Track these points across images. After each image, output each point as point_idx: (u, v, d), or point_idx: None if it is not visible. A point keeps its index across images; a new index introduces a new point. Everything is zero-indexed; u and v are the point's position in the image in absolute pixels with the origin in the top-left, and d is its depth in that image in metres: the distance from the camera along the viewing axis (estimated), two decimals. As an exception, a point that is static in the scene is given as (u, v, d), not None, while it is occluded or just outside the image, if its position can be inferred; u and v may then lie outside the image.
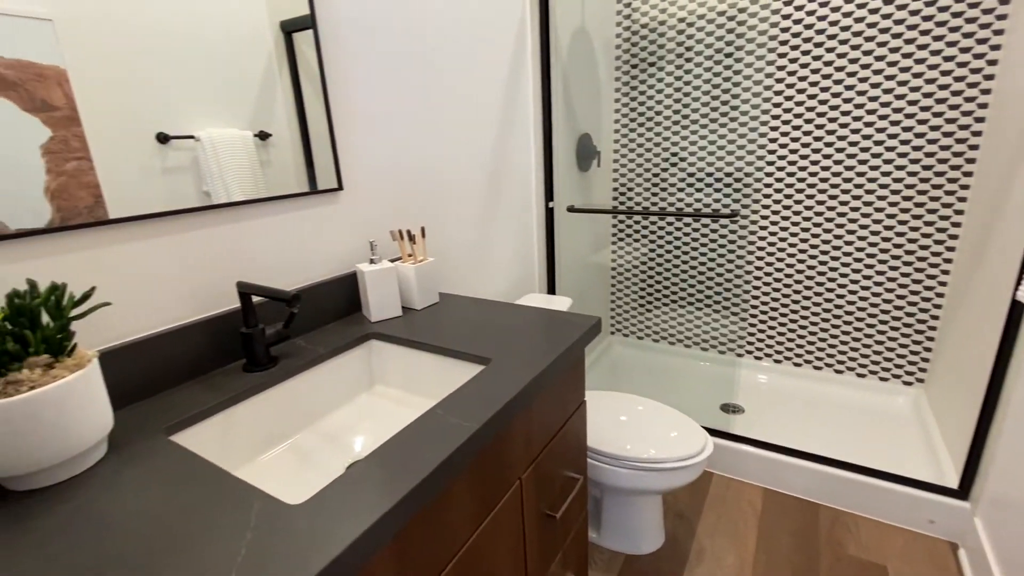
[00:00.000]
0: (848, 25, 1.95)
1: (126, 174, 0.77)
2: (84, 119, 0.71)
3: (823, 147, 2.10)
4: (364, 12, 1.14)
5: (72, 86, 0.70)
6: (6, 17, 0.63)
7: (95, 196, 0.73)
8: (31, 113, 0.66)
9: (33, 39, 0.66)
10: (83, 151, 0.72)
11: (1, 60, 0.63)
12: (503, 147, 1.71)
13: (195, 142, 0.85)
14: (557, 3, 1.86)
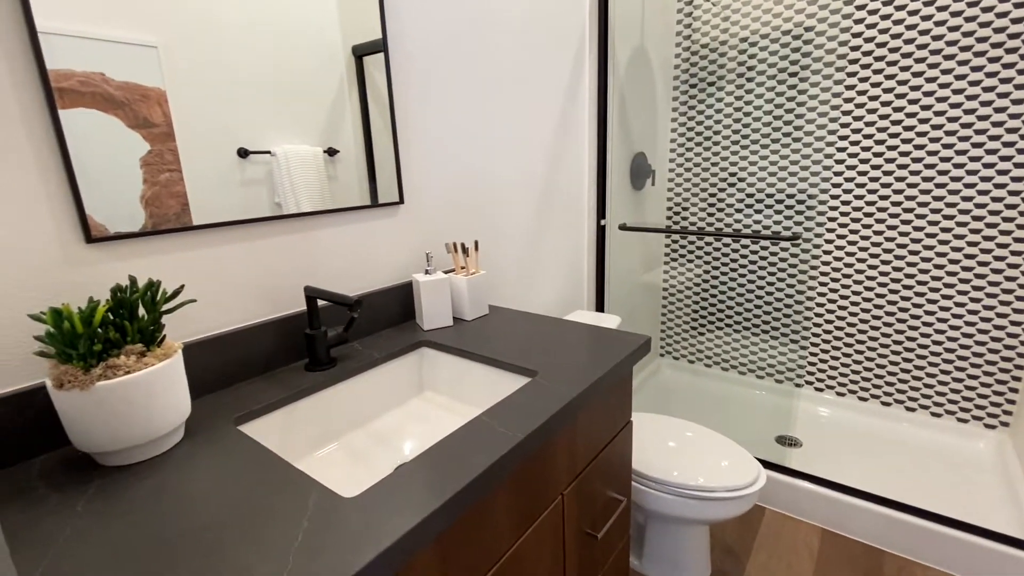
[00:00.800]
0: (925, 43, 1.85)
1: (209, 185, 0.84)
2: (178, 135, 0.80)
3: (896, 169, 1.99)
4: (430, 37, 1.20)
5: (170, 106, 0.79)
6: (120, 44, 0.72)
7: (182, 204, 0.81)
8: (134, 129, 0.75)
9: (140, 64, 0.75)
10: (175, 164, 0.80)
11: (113, 82, 0.72)
12: (557, 165, 1.74)
13: (271, 157, 0.92)
14: (617, 23, 1.88)
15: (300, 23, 0.94)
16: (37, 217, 0.67)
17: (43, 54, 0.65)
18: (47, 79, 0.66)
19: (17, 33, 0.64)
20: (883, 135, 1.99)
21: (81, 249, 0.71)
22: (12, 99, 0.64)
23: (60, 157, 0.69)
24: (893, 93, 1.94)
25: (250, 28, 0.87)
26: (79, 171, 0.70)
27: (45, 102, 0.67)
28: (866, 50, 1.96)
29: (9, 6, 0.63)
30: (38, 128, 0.66)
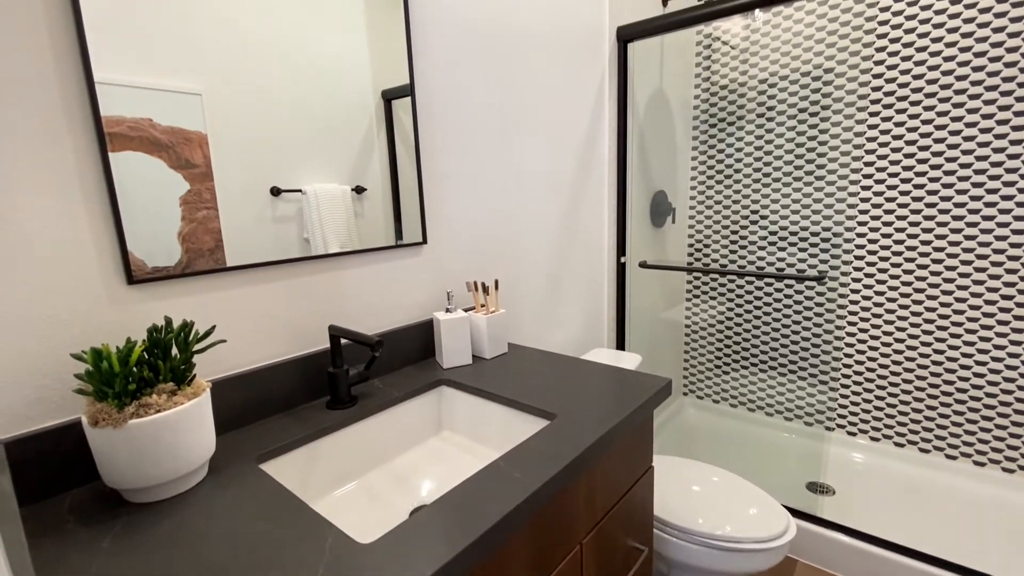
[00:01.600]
0: (948, 83, 1.85)
1: (243, 222, 0.89)
2: (216, 175, 0.84)
3: (923, 207, 1.96)
4: (455, 82, 1.26)
5: (210, 148, 0.83)
6: (168, 92, 0.78)
7: (216, 240, 0.85)
8: (176, 170, 0.80)
9: (185, 110, 0.80)
10: (212, 202, 0.84)
11: (159, 127, 0.77)
12: (577, 203, 1.76)
13: (302, 195, 0.97)
14: (636, 69, 1.94)
15: (335, 71, 1.00)
16: (85, 261, 0.71)
17: (99, 103, 0.71)
18: (101, 126, 0.71)
19: (76, 84, 0.70)
20: (908, 173, 1.97)
21: (123, 290, 0.75)
22: (68, 146, 0.69)
23: (108, 202, 0.73)
24: (917, 132, 1.93)
25: (288, 76, 0.93)
26: (124, 211, 0.74)
27: (97, 147, 0.72)
28: (888, 90, 1.97)
29: (71, 60, 0.69)
30: (89, 173, 0.71)
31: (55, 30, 0.68)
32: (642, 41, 1.93)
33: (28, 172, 0.66)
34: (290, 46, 0.93)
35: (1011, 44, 1.74)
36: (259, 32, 0.88)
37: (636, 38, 1.79)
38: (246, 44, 0.87)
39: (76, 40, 0.70)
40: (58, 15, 0.68)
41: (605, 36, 1.78)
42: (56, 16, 0.68)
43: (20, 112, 0.66)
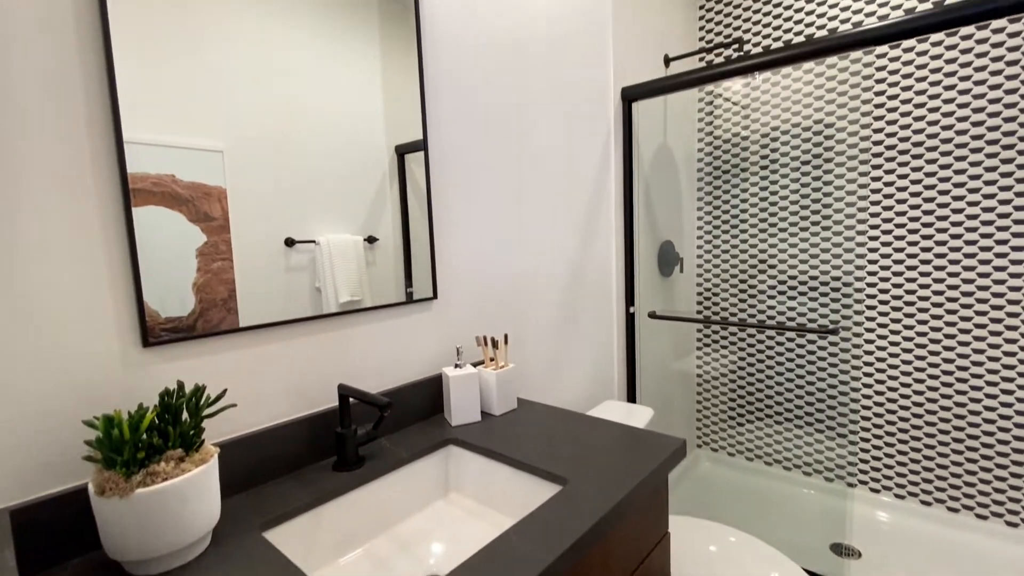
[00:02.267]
0: (948, 137, 1.89)
1: (256, 272, 0.90)
2: (232, 227, 0.87)
3: (933, 258, 1.95)
4: (468, 138, 1.30)
5: (228, 201, 0.86)
6: (191, 150, 0.82)
7: (230, 290, 0.87)
8: (194, 223, 0.82)
9: (206, 166, 0.83)
10: (227, 253, 0.86)
11: (181, 182, 0.80)
12: (585, 255, 1.78)
13: (315, 245, 0.99)
14: (640, 125, 2.00)
15: (351, 128, 1.04)
16: (103, 325, 0.72)
17: (126, 161, 0.74)
18: (127, 184, 0.74)
19: (106, 145, 0.73)
20: (916, 224, 1.98)
21: (138, 353, 0.76)
22: (94, 205, 0.72)
23: (129, 260, 0.75)
24: (921, 184, 1.95)
25: (306, 133, 0.97)
26: (142, 265, 0.76)
27: (122, 204, 0.75)
28: (889, 144, 2.01)
29: (103, 121, 0.73)
30: (113, 230, 0.74)
31: (91, 94, 0.72)
32: (646, 100, 2.00)
33: (55, 234, 0.69)
34: (309, 104, 0.97)
35: (1009, 100, 1.78)
36: (280, 92, 0.93)
37: (640, 98, 1.85)
38: (267, 103, 0.91)
39: (109, 103, 0.73)
40: (94, 80, 0.72)
41: (610, 95, 1.85)
42: (92, 81, 0.72)
43: (51, 174, 0.68)
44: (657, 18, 2.12)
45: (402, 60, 1.13)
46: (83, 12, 0.71)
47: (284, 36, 0.93)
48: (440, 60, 1.22)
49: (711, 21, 2.42)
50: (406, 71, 1.14)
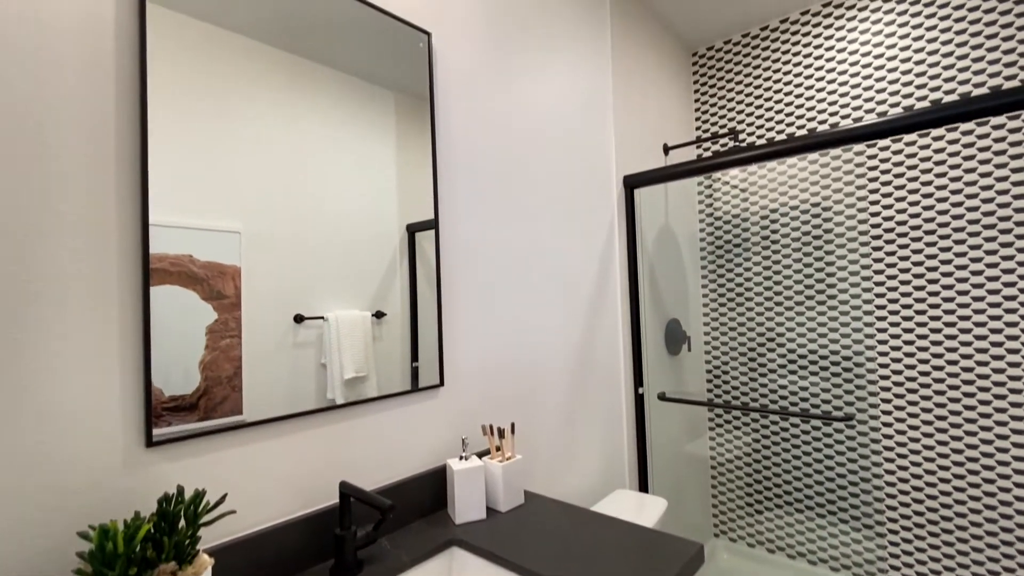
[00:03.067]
0: (945, 222, 1.93)
1: (264, 349, 0.90)
2: (244, 305, 0.87)
3: (944, 339, 1.93)
4: (477, 219, 1.34)
5: (242, 280, 0.87)
6: (211, 232, 0.84)
7: (236, 367, 0.86)
8: (207, 301, 0.83)
9: (223, 246, 0.85)
10: (236, 331, 0.86)
11: (198, 262, 0.82)
12: (593, 336, 1.78)
13: (323, 321, 0.99)
14: (643, 210, 2.07)
15: (366, 208, 1.08)
16: (109, 421, 0.71)
17: (149, 243, 0.76)
18: (148, 266, 0.76)
19: (132, 228, 0.75)
20: (922, 305, 1.98)
21: (141, 453, 0.74)
22: (114, 289, 0.73)
23: (141, 354, 0.75)
24: (924, 266, 1.98)
25: (321, 212, 1.00)
26: (153, 347, 0.76)
27: (140, 287, 0.76)
28: (887, 227, 2.05)
29: (131, 206, 0.76)
30: (129, 319, 0.74)
31: (122, 182, 0.75)
32: (647, 187, 2.08)
33: (73, 322, 0.69)
34: (326, 186, 1.01)
35: (1001, 187, 1.84)
36: (299, 176, 0.97)
37: (641, 185, 1.93)
38: (286, 186, 0.95)
39: (140, 191, 0.76)
40: (127, 169, 0.75)
41: (613, 182, 1.93)
42: (125, 170, 0.75)
43: (75, 259, 0.70)
44: (655, 110, 2.26)
45: (416, 142, 1.19)
46: (124, 108, 0.76)
47: (306, 128, 0.99)
48: (452, 146, 1.29)
49: (706, 112, 2.57)
50: (419, 153, 1.20)
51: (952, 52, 1.93)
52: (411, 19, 1.20)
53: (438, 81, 1.26)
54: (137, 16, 0.79)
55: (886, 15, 2.06)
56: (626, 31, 2.06)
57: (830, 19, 2.19)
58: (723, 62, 2.51)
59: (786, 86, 2.31)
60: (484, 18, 1.41)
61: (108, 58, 0.75)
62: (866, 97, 2.11)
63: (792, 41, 2.29)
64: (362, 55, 1.09)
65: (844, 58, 2.16)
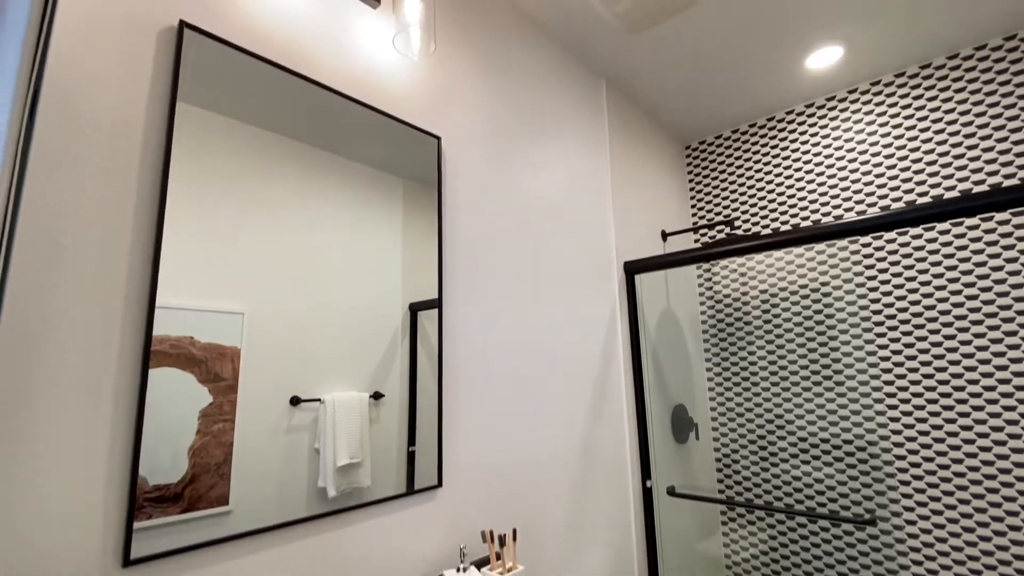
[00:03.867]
0: (946, 309, 1.94)
1: (257, 434, 0.86)
2: (240, 387, 0.85)
3: (959, 429, 1.87)
4: (480, 303, 1.34)
5: (241, 362, 0.85)
6: (214, 313, 0.83)
7: (226, 453, 0.81)
8: (203, 383, 0.80)
9: (225, 327, 0.84)
10: (231, 414, 0.83)
11: (198, 344, 0.80)
12: (597, 427, 1.72)
13: (320, 404, 0.95)
14: (644, 294, 2.09)
15: (369, 291, 1.08)
16: (86, 538, 0.66)
17: (153, 326, 0.75)
18: (149, 351, 0.74)
19: (138, 311, 0.75)
20: (932, 393, 1.93)
21: (116, 572, 0.68)
22: (111, 376, 0.71)
23: (131, 454, 0.71)
24: (931, 354, 1.96)
25: (327, 295, 1.00)
26: (144, 442, 0.72)
27: (140, 369, 0.74)
28: (889, 313, 2.06)
29: (140, 287, 0.75)
30: (124, 398, 0.71)
31: (134, 270, 0.75)
32: (648, 273, 2.12)
33: (65, 421, 0.66)
34: (332, 268, 1.02)
35: (996, 276, 1.87)
36: (306, 259, 0.98)
37: (641, 271, 1.96)
38: (292, 269, 0.96)
39: (150, 272, 0.77)
40: (139, 256, 0.76)
41: (614, 268, 1.96)
42: (137, 256, 0.76)
43: (76, 346, 0.69)
44: (652, 198, 2.35)
45: (422, 225, 1.22)
46: (144, 198, 0.78)
47: (316, 210, 1.02)
48: (457, 232, 1.33)
49: (701, 201, 2.68)
50: (425, 236, 1.23)
51: (933, 149, 2.05)
52: (424, 126, 1.28)
53: (446, 175, 1.32)
54: (167, 117, 0.83)
55: (866, 115, 2.20)
56: (622, 125, 2.19)
57: (813, 118, 2.35)
58: (715, 155, 2.65)
59: (776, 178, 2.43)
60: (491, 121, 1.50)
61: (134, 157, 0.78)
62: (855, 189, 2.20)
63: (780, 137, 2.44)
64: (376, 150, 1.15)
65: (831, 152, 2.28)
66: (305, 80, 1.02)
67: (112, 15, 0.77)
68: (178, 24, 0.85)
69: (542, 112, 1.72)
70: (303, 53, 1.04)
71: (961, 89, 2.00)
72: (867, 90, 2.21)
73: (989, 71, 1.95)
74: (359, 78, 1.13)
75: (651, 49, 1.94)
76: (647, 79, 2.13)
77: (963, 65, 2.00)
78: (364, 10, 1.18)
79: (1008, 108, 1.90)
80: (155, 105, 0.81)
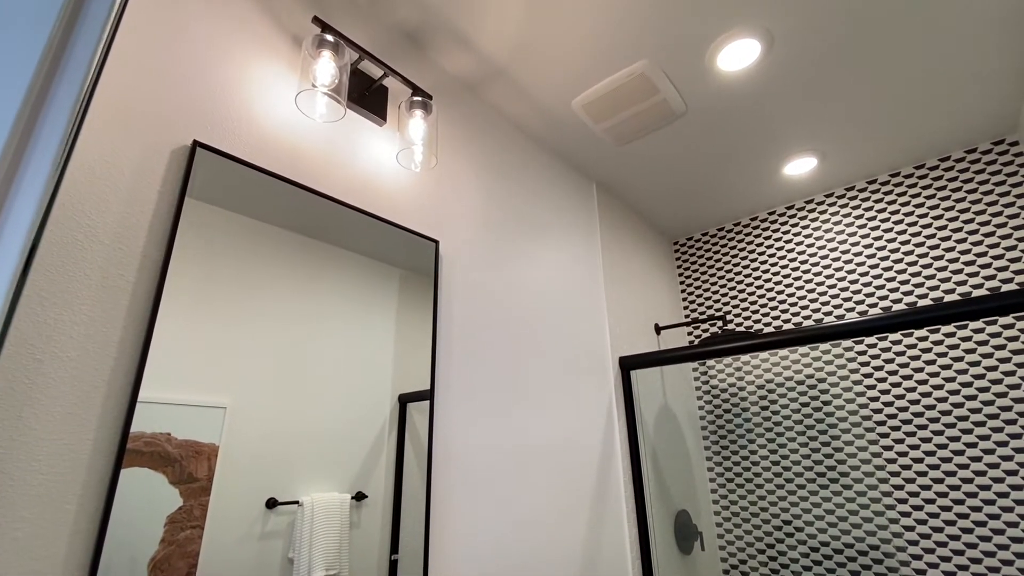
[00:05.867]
0: (945, 409, 1.91)
1: (226, 541, 0.79)
2: (214, 489, 0.79)
3: (971, 524, 1.75)
4: (473, 400, 1.31)
5: (218, 460, 0.80)
6: (195, 407, 0.79)
7: (191, 565, 0.74)
8: (175, 485, 0.75)
9: (205, 422, 0.80)
10: (200, 520, 0.76)
11: (174, 440, 0.75)
12: (595, 533, 1.60)
13: (298, 507, 0.89)
14: (640, 390, 2.05)
15: (359, 380, 1.05)
16: None
17: (132, 422, 0.71)
18: (123, 453, 0.70)
19: (117, 407, 0.71)
20: (936, 492, 1.84)
21: None
22: (81, 475, 0.67)
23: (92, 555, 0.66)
24: (937, 456, 1.89)
25: (315, 386, 0.97)
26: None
27: (111, 470, 0.69)
28: (889, 412, 2.01)
29: (123, 381, 0.73)
30: (89, 504, 0.67)
31: (120, 365, 0.73)
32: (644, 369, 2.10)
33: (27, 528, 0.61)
34: (322, 361, 1.00)
35: (993, 376, 1.86)
36: (294, 351, 0.96)
37: (637, 367, 1.95)
38: (280, 361, 0.93)
39: (135, 372, 0.75)
40: (127, 353, 0.75)
41: (609, 364, 1.95)
42: (125, 353, 0.74)
43: (47, 446, 0.65)
44: (645, 293, 2.39)
45: (416, 316, 1.22)
46: (139, 295, 0.79)
47: (309, 300, 1.02)
48: (452, 325, 1.33)
49: (692, 294, 2.73)
50: (419, 327, 1.22)
51: (911, 251, 2.13)
52: (423, 231, 1.34)
53: (443, 273, 1.35)
54: (170, 228, 0.85)
55: (844, 218, 2.32)
56: (612, 224, 2.29)
57: (795, 219, 2.47)
58: (703, 251, 2.75)
59: (763, 274, 2.50)
60: (487, 222, 1.57)
61: (134, 260, 0.80)
62: (841, 287, 2.26)
63: (764, 236, 2.55)
64: (375, 247, 1.18)
65: (814, 251, 2.37)
66: (309, 191, 1.08)
67: (131, 135, 0.83)
68: (191, 144, 0.91)
69: (537, 213, 1.81)
70: (310, 168, 1.10)
71: (931, 196, 2.13)
72: (842, 195, 2.35)
73: (955, 179, 2.09)
74: (362, 188, 1.20)
75: (637, 157, 2.09)
76: (634, 183, 2.27)
77: (929, 174, 2.15)
78: (370, 127, 1.28)
79: (977, 214, 2.01)
80: (159, 218, 0.85)
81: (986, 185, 2.01)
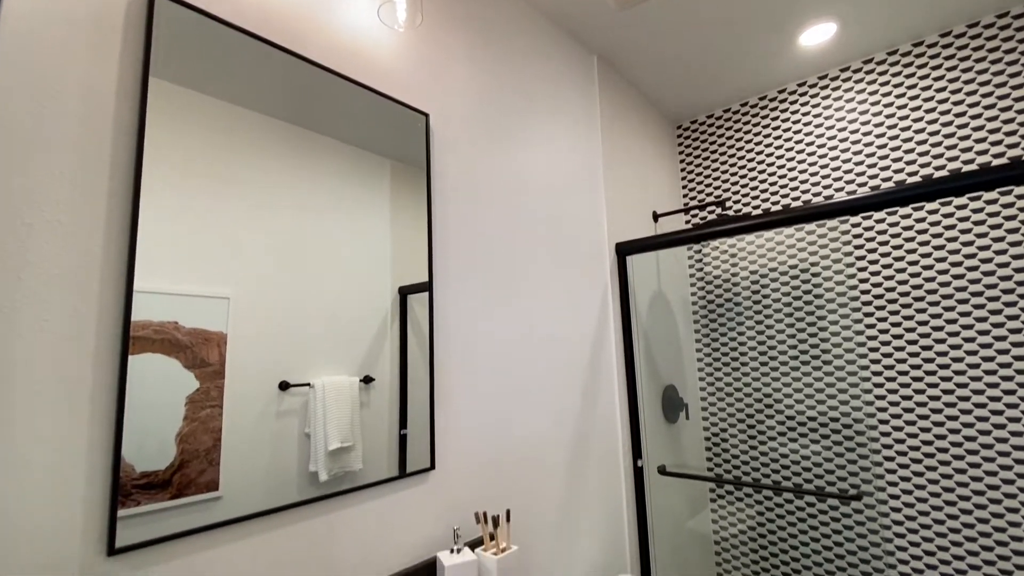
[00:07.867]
0: (933, 288, 1.96)
1: (245, 419, 0.84)
2: (227, 373, 0.83)
3: (942, 406, 1.90)
4: (471, 285, 1.33)
5: (227, 347, 0.83)
6: (199, 297, 0.81)
7: (215, 439, 0.80)
8: (189, 369, 0.78)
9: (211, 312, 0.82)
10: (218, 400, 0.81)
11: (183, 329, 0.78)
12: (589, 408, 1.72)
13: (309, 388, 0.94)
14: (635, 276, 2.08)
15: (358, 274, 1.06)
16: (66, 528, 0.65)
17: (131, 311, 0.73)
18: (128, 334, 0.72)
19: (115, 295, 0.72)
20: (919, 371, 1.96)
21: (101, 562, 0.67)
22: (88, 359, 0.68)
23: (112, 438, 0.70)
24: (917, 332, 1.98)
25: (315, 278, 0.98)
26: (128, 415, 0.70)
27: (119, 355, 0.71)
28: (877, 293, 2.07)
29: (116, 272, 0.73)
30: (103, 388, 0.69)
31: (110, 248, 0.73)
32: (639, 254, 2.11)
33: (40, 404, 0.64)
34: (319, 252, 1.00)
35: (984, 256, 1.88)
36: (292, 242, 0.96)
37: (633, 253, 1.95)
38: (279, 252, 0.93)
39: (127, 253, 0.74)
40: (115, 234, 0.73)
41: (606, 250, 1.95)
42: (113, 234, 0.73)
43: (51, 321, 0.66)
44: (644, 179, 2.33)
45: (411, 208, 1.20)
46: (118, 173, 0.75)
47: (302, 193, 0.99)
48: (447, 212, 1.30)
49: (692, 181, 2.67)
50: (414, 219, 1.20)
51: (924, 128, 2.04)
52: (411, 102, 1.24)
53: (435, 154, 1.29)
54: (139, 92, 0.79)
55: (858, 94, 2.19)
56: (613, 105, 2.16)
57: (805, 97, 2.33)
58: (707, 135, 2.63)
59: (768, 157, 2.42)
60: (479, 97, 1.46)
61: (106, 134, 0.75)
62: (846, 168, 2.20)
63: (771, 116, 2.42)
64: (362, 129, 1.11)
65: (823, 132, 2.27)
66: (287, 53, 0.98)
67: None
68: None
69: (533, 89, 1.68)
70: (284, 25, 1.00)
71: (953, 67, 1.99)
72: (859, 68, 2.19)
73: (981, 48, 1.94)
74: (343, 51, 1.09)
75: (641, 24, 1.90)
76: (638, 55, 2.09)
77: (955, 43, 1.99)
78: (347, -20, 1.14)
79: (999, 86, 1.90)
80: (126, 79, 0.77)
81: (1013, 54, 1.87)
